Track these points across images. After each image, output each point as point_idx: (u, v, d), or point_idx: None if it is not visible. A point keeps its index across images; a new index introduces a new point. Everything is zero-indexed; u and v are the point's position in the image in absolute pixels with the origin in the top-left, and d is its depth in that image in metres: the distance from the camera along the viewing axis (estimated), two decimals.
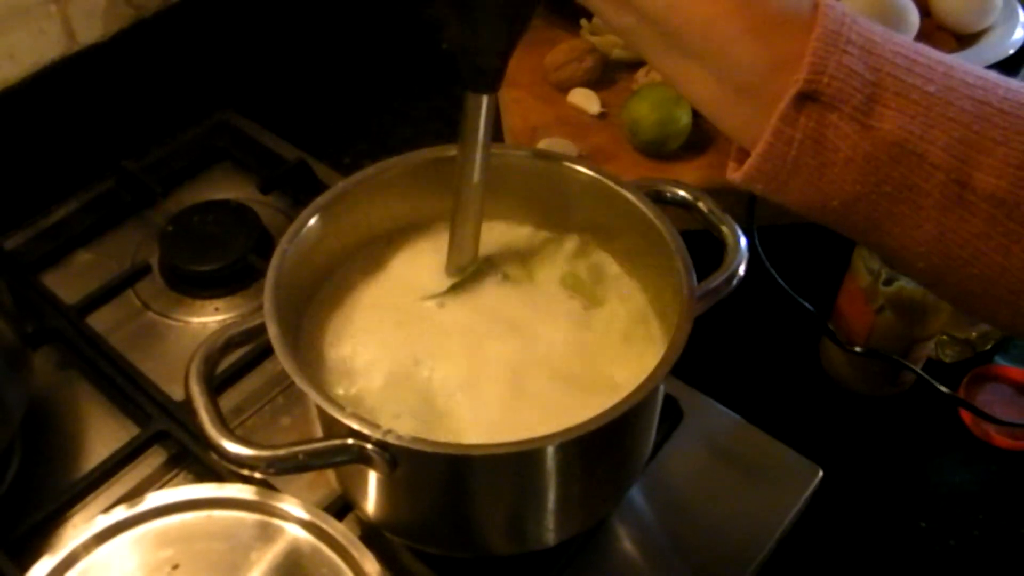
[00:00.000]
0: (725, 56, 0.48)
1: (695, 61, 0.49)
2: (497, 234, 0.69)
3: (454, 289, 0.66)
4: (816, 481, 0.70)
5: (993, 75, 0.47)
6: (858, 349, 0.76)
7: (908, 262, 0.49)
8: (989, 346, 0.84)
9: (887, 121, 0.45)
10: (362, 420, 0.52)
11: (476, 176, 0.61)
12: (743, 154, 0.50)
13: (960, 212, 0.45)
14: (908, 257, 0.49)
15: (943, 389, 0.73)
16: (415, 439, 0.51)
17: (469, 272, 0.66)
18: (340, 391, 0.61)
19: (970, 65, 0.47)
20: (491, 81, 0.57)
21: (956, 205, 0.45)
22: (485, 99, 0.58)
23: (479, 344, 0.63)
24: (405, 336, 0.64)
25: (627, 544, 0.67)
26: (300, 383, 0.53)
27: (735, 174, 0.50)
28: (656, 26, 0.49)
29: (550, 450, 0.53)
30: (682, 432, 0.72)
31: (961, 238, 0.46)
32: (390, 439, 0.51)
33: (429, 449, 0.51)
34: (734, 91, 0.49)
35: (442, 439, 0.56)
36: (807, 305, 0.73)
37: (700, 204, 0.64)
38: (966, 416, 0.79)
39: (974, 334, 0.83)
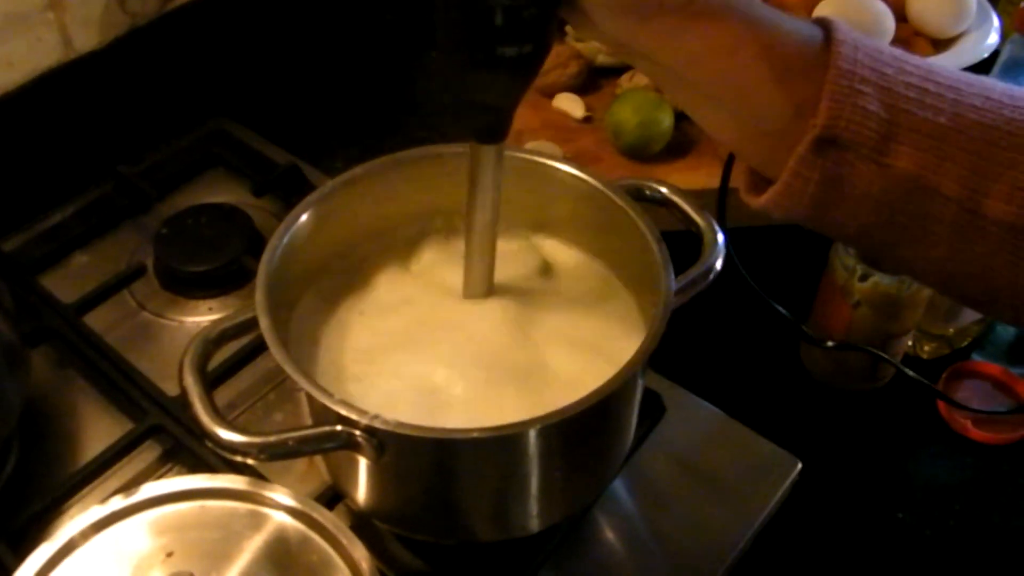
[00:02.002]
0: (745, 104, 0.49)
1: (716, 106, 0.50)
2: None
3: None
4: (795, 473, 0.71)
5: (996, 90, 0.47)
6: (830, 344, 0.77)
7: (919, 275, 0.51)
8: (967, 342, 0.85)
9: (902, 159, 0.46)
10: (350, 406, 0.53)
11: (489, 219, 0.61)
12: (752, 173, 0.52)
13: (971, 235, 0.46)
14: (920, 273, 0.50)
15: (914, 376, 0.74)
16: (401, 424, 0.52)
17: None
18: (330, 383, 0.61)
19: (974, 79, 0.48)
20: (498, 133, 0.56)
21: (968, 230, 0.46)
22: (494, 149, 0.57)
23: (470, 339, 0.64)
24: (396, 331, 0.65)
25: (609, 534, 0.68)
26: (290, 371, 0.54)
27: (753, 200, 0.51)
28: (676, 77, 0.50)
29: (532, 434, 0.54)
30: (664, 426, 0.73)
31: (971, 256, 0.47)
32: (377, 424, 0.52)
33: (414, 433, 0.53)
34: (754, 133, 0.50)
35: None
36: (782, 310, 0.73)
37: (678, 201, 0.65)
38: (943, 410, 0.80)
39: (951, 331, 0.84)
